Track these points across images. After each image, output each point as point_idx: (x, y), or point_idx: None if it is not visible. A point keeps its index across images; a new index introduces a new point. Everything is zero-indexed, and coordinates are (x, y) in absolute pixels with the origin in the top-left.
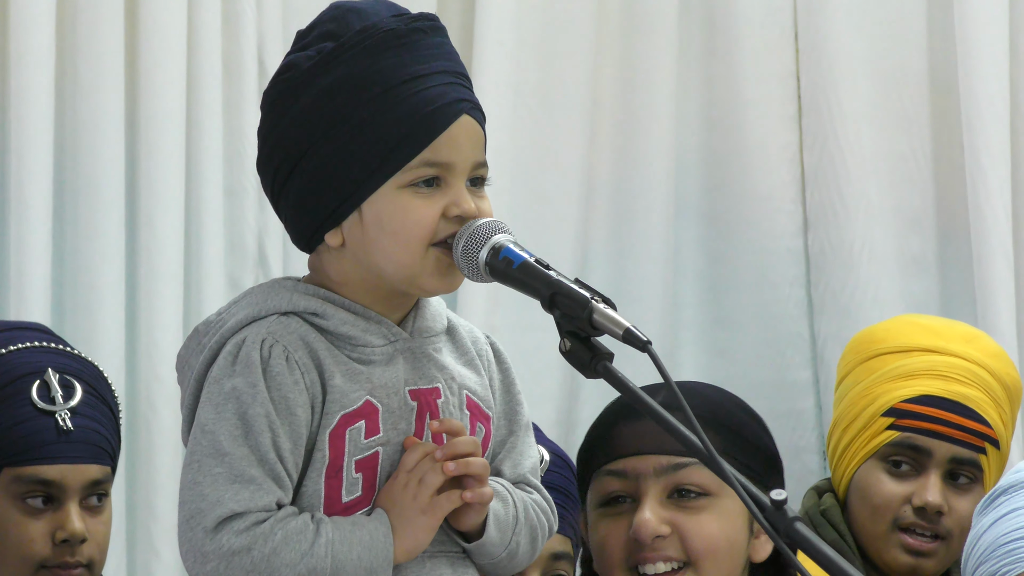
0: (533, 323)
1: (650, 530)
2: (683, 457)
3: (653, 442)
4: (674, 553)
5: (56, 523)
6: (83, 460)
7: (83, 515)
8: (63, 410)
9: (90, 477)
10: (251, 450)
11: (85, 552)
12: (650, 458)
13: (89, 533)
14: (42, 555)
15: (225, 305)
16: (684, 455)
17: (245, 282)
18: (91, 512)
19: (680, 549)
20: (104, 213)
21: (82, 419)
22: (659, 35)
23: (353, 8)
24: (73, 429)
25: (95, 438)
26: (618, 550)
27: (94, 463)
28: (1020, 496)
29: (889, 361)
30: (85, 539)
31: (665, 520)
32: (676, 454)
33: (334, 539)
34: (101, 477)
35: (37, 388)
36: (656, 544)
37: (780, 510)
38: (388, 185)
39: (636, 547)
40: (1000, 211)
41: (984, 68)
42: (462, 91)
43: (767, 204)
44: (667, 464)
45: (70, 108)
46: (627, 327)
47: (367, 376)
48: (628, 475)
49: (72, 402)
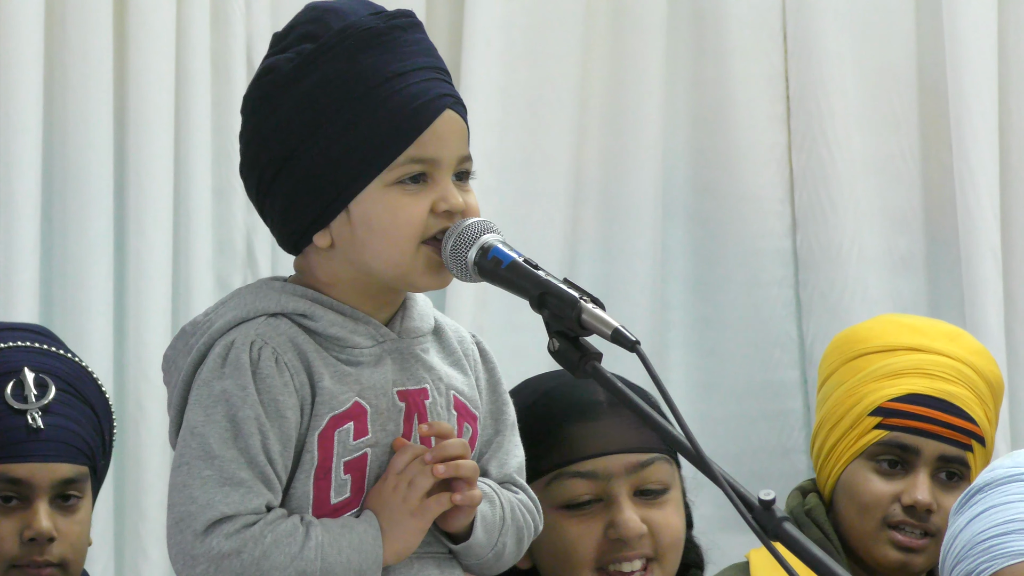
0: (522, 323)
1: (637, 531)
2: (647, 454)
3: (618, 441)
4: (647, 550)
5: (24, 522)
6: (53, 459)
7: (54, 514)
8: (34, 409)
9: (60, 476)
10: (241, 452)
11: (55, 551)
12: (619, 457)
13: (60, 532)
14: (11, 554)
15: (212, 306)
16: (647, 451)
17: (233, 282)
18: (63, 511)
19: (651, 545)
20: (92, 212)
21: (55, 418)
22: (648, 35)
23: (331, 8)
24: (44, 428)
25: (68, 436)
26: (590, 551)
27: (66, 462)
28: (996, 494)
29: (874, 361)
30: (53, 538)
31: (642, 518)
32: (640, 451)
33: (324, 542)
34: (73, 476)
35: (12, 387)
36: (635, 543)
37: (768, 510)
38: (375, 184)
39: (613, 547)
40: (988, 211)
41: (972, 68)
42: (443, 86)
43: (756, 204)
44: (635, 463)
45: (59, 107)
46: (616, 327)
47: (356, 377)
48: (599, 475)
49: (44, 401)
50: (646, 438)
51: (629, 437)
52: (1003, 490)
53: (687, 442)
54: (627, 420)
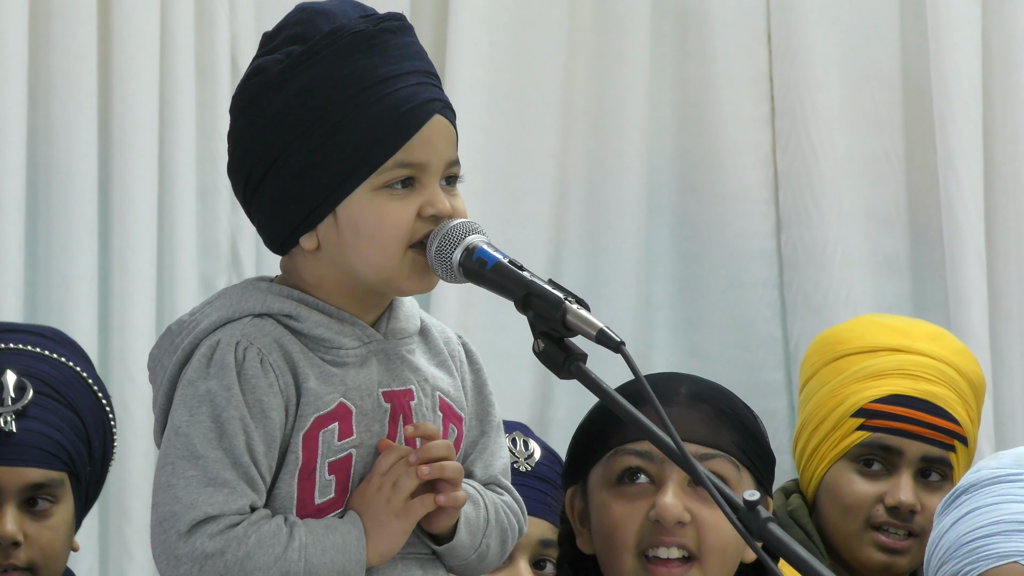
0: (506, 324)
1: (674, 514)
2: (710, 448)
3: (683, 429)
4: (688, 542)
5: None
6: (21, 463)
7: (22, 519)
8: (8, 412)
9: (29, 480)
10: (225, 453)
11: (22, 556)
12: None
13: (29, 537)
14: None
15: (198, 305)
16: (711, 447)
17: (218, 282)
18: (35, 516)
19: (695, 540)
20: (77, 213)
21: (30, 422)
22: (632, 36)
23: (320, 10)
24: (16, 432)
25: (41, 441)
26: (632, 533)
27: (36, 467)
28: (980, 495)
29: (856, 362)
30: (19, 542)
31: (686, 507)
32: (703, 444)
33: (307, 543)
34: (44, 481)
35: None
36: (675, 530)
37: (753, 511)
38: (363, 188)
39: (653, 530)
40: (973, 212)
41: (957, 69)
42: (433, 91)
43: (740, 205)
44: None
45: (43, 108)
46: (600, 328)
47: (341, 378)
48: (654, 457)
49: (19, 404)
50: (717, 436)
51: (698, 429)
52: (988, 491)
53: (672, 443)
54: (703, 415)
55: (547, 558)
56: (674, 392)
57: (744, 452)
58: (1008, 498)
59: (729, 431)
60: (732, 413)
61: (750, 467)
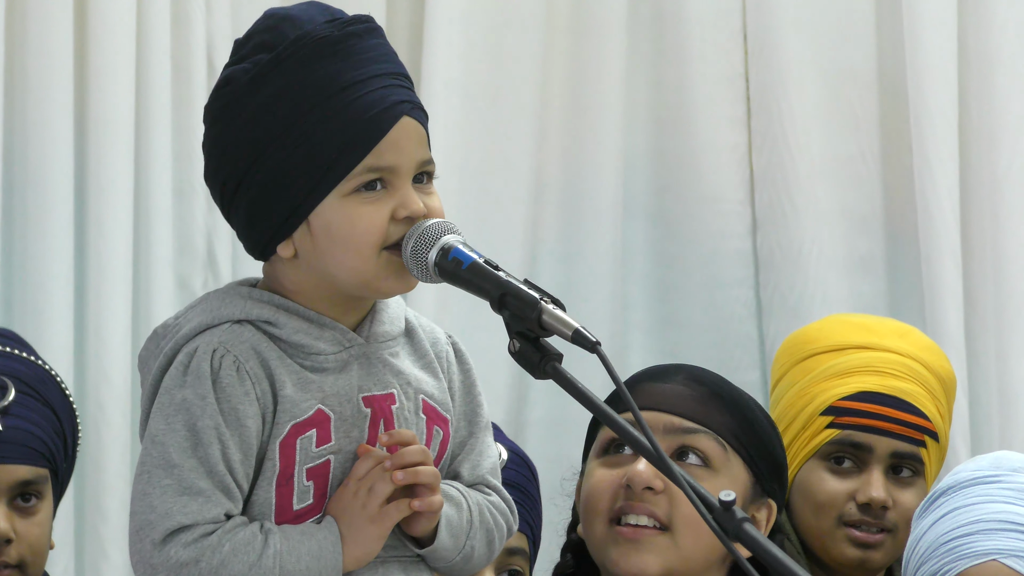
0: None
1: (644, 479)
2: (695, 423)
3: (669, 402)
4: (659, 512)
5: None
6: (11, 460)
7: (12, 516)
8: None
9: (18, 477)
10: (200, 462)
11: (13, 553)
12: (663, 415)
13: (19, 534)
14: None
15: (183, 309)
16: (696, 422)
17: (194, 283)
18: (22, 513)
19: (667, 510)
20: (53, 213)
21: (15, 420)
22: (608, 36)
23: (287, 16)
24: (3, 430)
25: (26, 439)
26: (606, 499)
27: (24, 464)
28: (959, 497)
29: (824, 360)
30: (11, 539)
31: (660, 476)
32: (688, 419)
33: (282, 550)
34: (31, 478)
35: None
36: (645, 495)
37: (728, 511)
38: (333, 194)
39: (625, 495)
40: (948, 212)
41: (932, 70)
42: (401, 92)
43: (716, 205)
44: (678, 426)
45: (19, 107)
46: (576, 328)
47: (319, 385)
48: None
49: (3, 403)
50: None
51: (686, 404)
52: (966, 493)
53: (647, 442)
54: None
55: (515, 568)
56: (674, 372)
57: (737, 438)
58: (986, 499)
59: (722, 414)
60: (731, 399)
61: (742, 454)
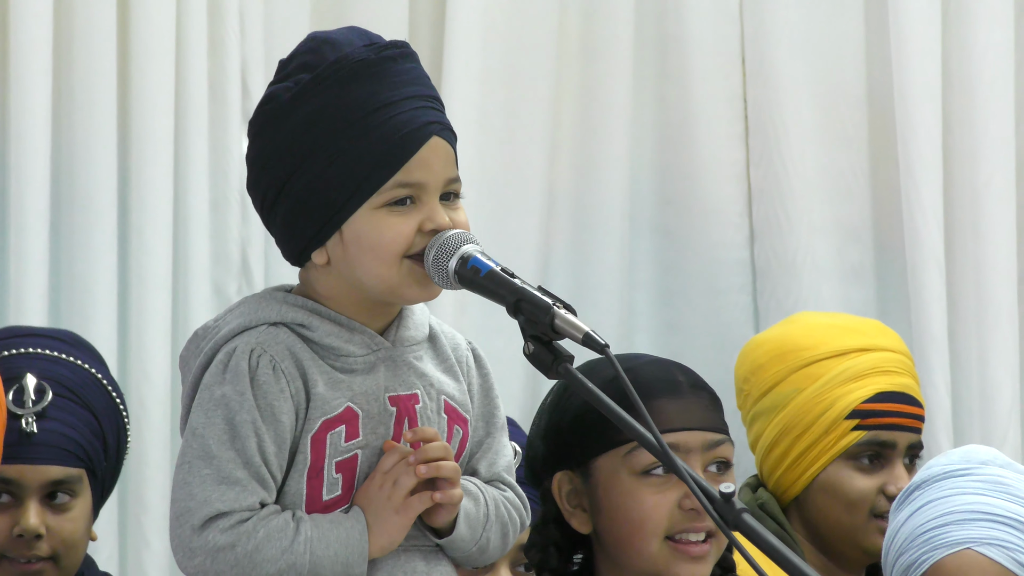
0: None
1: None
2: (719, 433)
3: (698, 419)
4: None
5: (15, 518)
6: (42, 461)
7: (44, 512)
8: (29, 414)
9: (50, 477)
10: (237, 453)
11: (44, 547)
12: (698, 433)
13: (50, 529)
14: (2, 547)
15: (222, 312)
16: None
17: (229, 289)
18: (55, 510)
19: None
20: (98, 226)
21: (49, 422)
22: (616, 59)
23: (328, 40)
24: (36, 432)
25: (59, 440)
26: (663, 519)
27: (56, 464)
28: (933, 490)
29: (831, 366)
30: (40, 535)
31: None
32: (713, 431)
33: (312, 536)
34: (63, 478)
35: (13, 393)
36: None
37: (728, 502)
38: (365, 207)
39: (685, 517)
40: (932, 224)
41: (918, 92)
42: (432, 113)
43: (716, 217)
44: (711, 440)
45: (66, 127)
46: (587, 331)
47: (348, 384)
48: (679, 449)
49: (40, 406)
50: (719, 420)
51: (707, 416)
52: (940, 486)
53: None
54: (704, 401)
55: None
56: (675, 382)
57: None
58: (958, 491)
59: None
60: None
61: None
